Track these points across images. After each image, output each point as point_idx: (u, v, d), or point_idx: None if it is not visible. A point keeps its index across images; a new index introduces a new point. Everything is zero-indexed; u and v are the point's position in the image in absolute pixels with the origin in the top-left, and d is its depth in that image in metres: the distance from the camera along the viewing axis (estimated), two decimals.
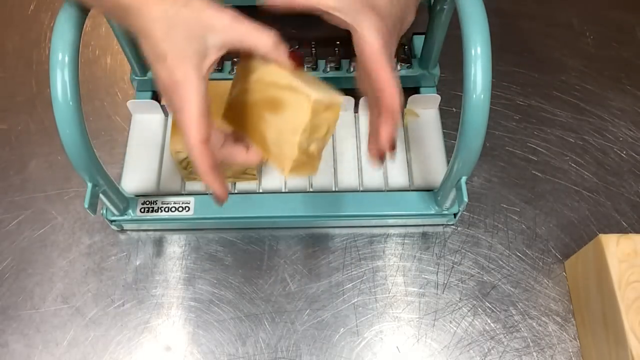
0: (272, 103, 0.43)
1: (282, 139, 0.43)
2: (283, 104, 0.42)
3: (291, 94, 0.42)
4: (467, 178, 0.53)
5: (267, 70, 0.43)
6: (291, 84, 0.42)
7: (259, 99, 0.44)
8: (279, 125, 0.43)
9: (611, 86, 0.74)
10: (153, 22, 0.39)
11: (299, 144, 0.42)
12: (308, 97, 0.40)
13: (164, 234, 0.62)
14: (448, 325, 0.58)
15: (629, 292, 0.50)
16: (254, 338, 0.57)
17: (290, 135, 0.42)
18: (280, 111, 0.43)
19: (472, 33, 0.44)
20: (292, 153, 0.43)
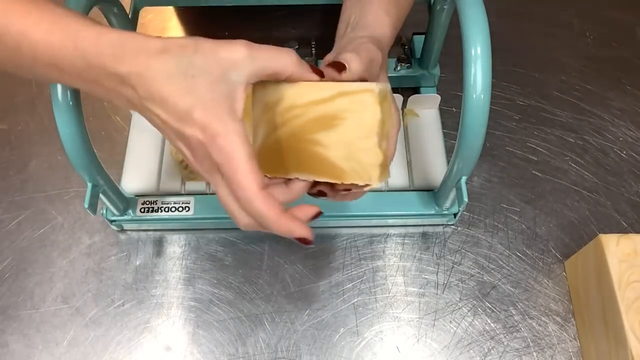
0: (323, 121, 0.39)
1: (354, 150, 0.39)
2: (339, 114, 0.39)
3: (346, 99, 0.38)
4: (467, 178, 0.53)
5: (293, 93, 0.39)
6: (339, 90, 0.39)
7: (301, 125, 0.40)
8: (344, 138, 0.39)
9: (611, 86, 0.74)
10: (166, 81, 0.35)
11: (378, 145, 0.39)
12: (372, 92, 0.38)
13: (164, 234, 0.62)
14: (448, 325, 0.58)
15: (629, 292, 0.50)
16: (254, 338, 0.57)
17: (364, 141, 0.39)
18: (338, 123, 0.39)
19: (472, 33, 0.44)
20: (376, 158, 0.39)
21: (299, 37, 0.73)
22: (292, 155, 0.41)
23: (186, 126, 0.35)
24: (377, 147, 0.39)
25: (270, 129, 0.41)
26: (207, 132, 0.35)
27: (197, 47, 0.35)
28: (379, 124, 0.38)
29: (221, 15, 0.78)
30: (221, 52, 0.36)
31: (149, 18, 0.79)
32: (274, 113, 0.40)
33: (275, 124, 0.40)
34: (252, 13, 0.79)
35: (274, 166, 0.42)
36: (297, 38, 0.72)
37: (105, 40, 0.35)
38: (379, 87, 0.38)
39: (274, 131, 0.41)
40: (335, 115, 0.39)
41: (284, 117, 0.40)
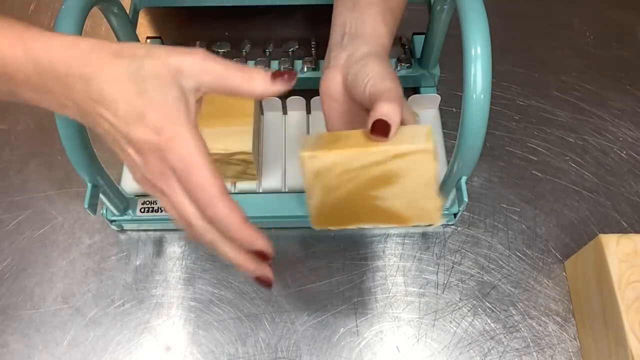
0: (380, 180, 0.42)
1: (417, 199, 0.42)
2: (396, 173, 0.41)
3: (401, 160, 0.40)
4: (467, 178, 0.53)
5: (345, 159, 0.41)
6: (393, 153, 0.40)
7: (359, 185, 0.42)
8: (403, 191, 0.42)
9: (611, 86, 0.74)
10: (117, 84, 0.34)
11: (436, 193, 0.42)
12: (428, 153, 0.40)
13: (164, 234, 0.62)
14: (448, 325, 0.58)
15: (629, 292, 0.50)
16: (254, 338, 0.57)
17: (426, 190, 0.42)
18: (396, 181, 0.41)
19: (472, 33, 0.44)
20: (436, 203, 0.43)
21: (299, 37, 0.73)
22: (353, 209, 0.44)
23: (138, 128, 0.35)
24: (436, 195, 0.42)
25: (326, 191, 0.43)
26: (163, 135, 0.34)
27: (150, 52, 0.35)
28: (435, 175, 0.41)
29: (221, 15, 0.78)
30: (172, 59, 0.35)
31: (149, 18, 0.79)
32: (327, 178, 0.42)
33: (330, 186, 0.43)
34: (252, 13, 0.79)
35: (335, 219, 0.45)
36: (297, 38, 0.72)
37: (56, 43, 0.35)
38: (432, 144, 0.40)
39: (330, 192, 0.43)
40: (392, 174, 0.41)
41: (340, 180, 0.42)
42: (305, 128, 0.66)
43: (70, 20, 0.45)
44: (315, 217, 0.45)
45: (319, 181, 0.43)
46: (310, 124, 0.66)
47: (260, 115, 0.66)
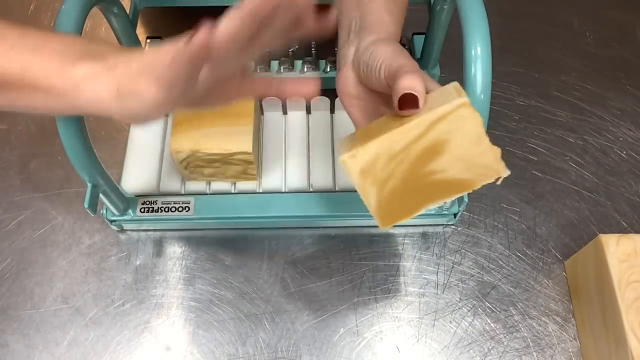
0: (428, 153, 0.39)
1: (472, 159, 0.39)
2: (441, 139, 0.39)
3: (441, 124, 0.38)
4: None
5: (385, 146, 0.39)
6: (430, 121, 0.38)
7: (409, 168, 0.40)
8: (456, 155, 0.39)
9: (611, 86, 0.74)
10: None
11: (489, 143, 0.39)
12: (465, 105, 0.37)
13: (164, 234, 0.62)
14: (448, 325, 0.58)
15: (629, 292, 0.50)
16: (254, 338, 0.57)
17: (477, 147, 0.39)
18: (444, 147, 0.39)
19: (472, 33, 0.44)
20: (495, 153, 0.39)
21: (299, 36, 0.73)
22: (414, 194, 0.41)
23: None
24: (490, 145, 0.39)
25: (380, 185, 0.41)
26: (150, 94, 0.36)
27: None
28: (481, 125, 0.38)
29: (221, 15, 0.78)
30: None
31: (149, 18, 0.79)
32: (375, 172, 0.40)
33: (382, 179, 0.40)
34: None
35: (400, 211, 0.42)
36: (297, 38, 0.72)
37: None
38: (464, 95, 0.38)
39: (384, 186, 0.41)
40: (438, 142, 0.39)
41: (389, 169, 0.40)
42: (305, 128, 0.66)
43: (70, 20, 0.45)
44: (380, 217, 0.42)
45: (368, 179, 0.40)
46: (310, 124, 0.66)
47: (260, 115, 0.66)
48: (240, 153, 0.56)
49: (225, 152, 0.56)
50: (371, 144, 0.39)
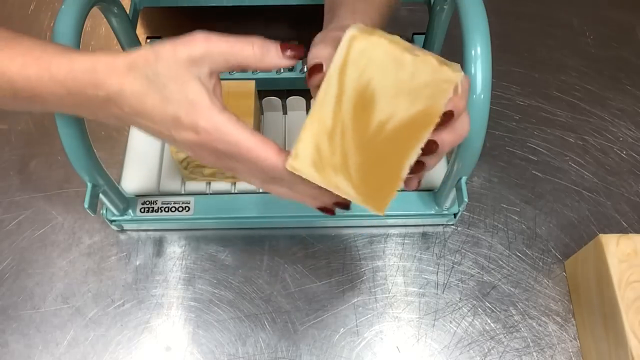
0: (362, 105, 0.35)
1: (408, 84, 0.34)
2: (363, 85, 0.35)
3: (349, 67, 0.34)
4: (467, 178, 0.53)
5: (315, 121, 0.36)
6: (334, 72, 0.35)
7: (355, 130, 0.36)
8: (391, 90, 0.35)
9: (611, 86, 0.74)
10: (143, 96, 0.36)
11: (413, 57, 0.34)
12: (353, 38, 0.34)
13: (164, 234, 0.62)
14: (448, 325, 0.58)
15: (629, 292, 0.50)
16: (254, 338, 0.57)
17: (404, 70, 0.34)
18: (372, 90, 0.35)
19: (472, 33, 0.44)
20: (429, 63, 0.34)
21: (299, 36, 0.73)
22: (383, 158, 0.36)
23: (179, 132, 0.37)
24: (416, 58, 0.34)
25: (343, 170, 0.37)
26: (201, 133, 0.36)
27: (158, 54, 0.36)
28: (391, 45, 0.34)
29: (221, 15, 0.78)
30: (179, 53, 0.36)
31: (149, 18, 0.79)
32: (327, 158, 0.37)
33: (340, 162, 0.37)
34: (252, 13, 0.79)
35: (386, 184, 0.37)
36: (297, 37, 0.72)
37: (78, 68, 0.36)
38: (356, 29, 0.34)
39: (347, 167, 0.37)
40: (360, 91, 0.35)
41: (338, 149, 0.36)
42: None
43: (70, 20, 0.45)
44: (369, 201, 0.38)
45: (327, 170, 0.37)
46: None
47: (260, 115, 0.66)
48: None
49: None
50: (303, 134, 0.36)
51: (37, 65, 0.37)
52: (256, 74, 0.69)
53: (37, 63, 0.37)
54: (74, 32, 0.45)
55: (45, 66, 0.37)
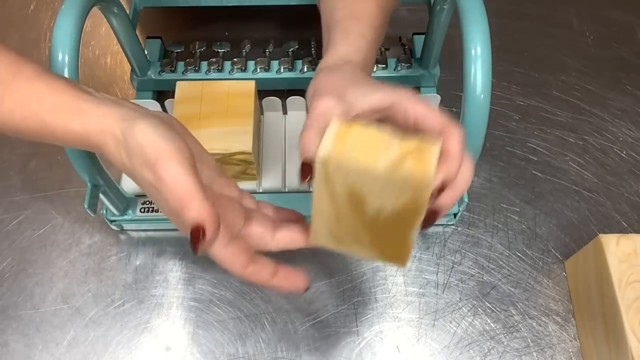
0: (355, 202, 0.37)
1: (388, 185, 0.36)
2: (349, 189, 0.36)
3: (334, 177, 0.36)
4: None
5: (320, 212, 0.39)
6: (319, 181, 0.37)
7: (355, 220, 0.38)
8: (374, 189, 0.36)
9: (611, 86, 0.74)
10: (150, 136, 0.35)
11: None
12: (324, 163, 0.36)
13: (164, 234, 0.62)
14: (448, 325, 0.58)
15: (629, 292, 0.50)
16: (254, 338, 0.57)
17: (378, 181, 0.35)
18: (355, 190, 0.36)
19: (472, 33, 0.44)
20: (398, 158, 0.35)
21: (299, 36, 0.73)
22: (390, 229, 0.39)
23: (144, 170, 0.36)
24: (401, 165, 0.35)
25: (360, 240, 0.40)
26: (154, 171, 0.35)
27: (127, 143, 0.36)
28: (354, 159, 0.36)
29: (221, 15, 0.78)
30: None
31: (149, 18, 0.79)
32: (341, 235, 0.40)
33: (354, 236, 0.40)
34: (252, 13, 0.79)
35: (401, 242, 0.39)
36: (297, 38, 0.72)
37: (72, 133, 0.37)
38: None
39: (361, 237, 0.40)
40: (348, 192, 0.37)
41: (349, 230, 0.39)
42: None
43: (70, 20, 0.45)
44: (392, 259, 0.41)
45: (345, 242, 0.41)
46: None
47: (260, 115, 0.66)
48: (240, 153, 0.56)
49: (225, 152, 0.56)
50: (314, 214, 0.39)
51: (37, 121, 0.37)
52: (256, 74, 0.69)
53: (37, 119, 0.37)
54: (74, 32, 0.45)
55: (44, 124, 0.37)
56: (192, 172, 0.34)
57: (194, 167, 0.35)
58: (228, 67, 0.69)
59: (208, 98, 0.59)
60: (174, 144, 0.35)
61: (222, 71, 0.69)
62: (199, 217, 0.34)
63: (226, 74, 0.69)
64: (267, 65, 0.69)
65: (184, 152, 0.35)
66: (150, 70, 0.69)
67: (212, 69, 0.69)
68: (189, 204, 0.34)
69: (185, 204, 0.34)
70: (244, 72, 0.69)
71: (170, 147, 0.34)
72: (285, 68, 0.69)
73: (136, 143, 0.35)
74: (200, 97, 0.59)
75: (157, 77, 0.69)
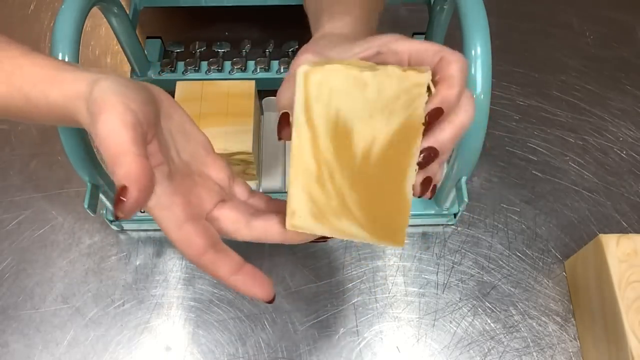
0: (339, 134, 0.33)
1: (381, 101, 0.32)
2: (332, 115, 0.32)
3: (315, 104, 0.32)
4: (467, 178, 0.53)
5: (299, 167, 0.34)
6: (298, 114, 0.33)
7: (341, 168, 0.34)
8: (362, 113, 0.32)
9: (611, 86, 0.74)
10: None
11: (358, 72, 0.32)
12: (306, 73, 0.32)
13: (164, 234, 0.62)
14: (448, 325, 0.58)
15: (629, 292, 0.50)
16: (254, 338, 0.57)
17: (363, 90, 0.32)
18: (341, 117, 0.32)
19: (472, 33, 0.44)
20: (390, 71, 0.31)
21: (299, 36, 0.73)
22: (383, 188, 0.34)
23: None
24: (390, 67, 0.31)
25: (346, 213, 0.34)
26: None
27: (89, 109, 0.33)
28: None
29: (221, 15, 0.78)
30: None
31: (149, 18, 0.79)
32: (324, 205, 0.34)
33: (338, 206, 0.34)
34: (252, 13, 0.79)
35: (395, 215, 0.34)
36: (297, 37, 0.72)
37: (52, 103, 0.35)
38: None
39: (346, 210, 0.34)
40: (333, 122, 0.33)
41: (331, 191, 0.34)
42: None
43: (70, 20, 0.45)
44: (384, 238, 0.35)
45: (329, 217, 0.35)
46: None
47: (260, 115, 0.66)
48: (240, 153, 0.56)
49: (225, 152, 0.56)
50: (291, 189, 0.34)
51: (21, 95, 0.35)
52: (256, 74, 0.69)
53: (20, 94, 0.35)
54: (74, 32, 0.45)
55: (27, 98, 0.35)
56: (133, 127, 0.31)
57: (140, 124, 0.31)
58: (228, 67, 0.69)
59: (208, 98, 0.59)
60: (123, 99, 0.31)
61: (222, 71, 0.69)
62: (126, 174, 0.30)
63: (226, 74, 0.69)
64: (267, 65, 0.69)
65: (131, 108, 0.31)
66: (150, 70, 0.69)
67: (212, 69, 0.69)
68: (118, 159, 0.30)
69: (115, 159, 0.30)
70: (244, 72, 0.69)
71: (116, 100, 0.31)
72: (285, 68, 0.69)
73: (92, 99, 0.32)
74: (200, 97, 0.59)
75: (157, 77, 0.69)
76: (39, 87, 0.35)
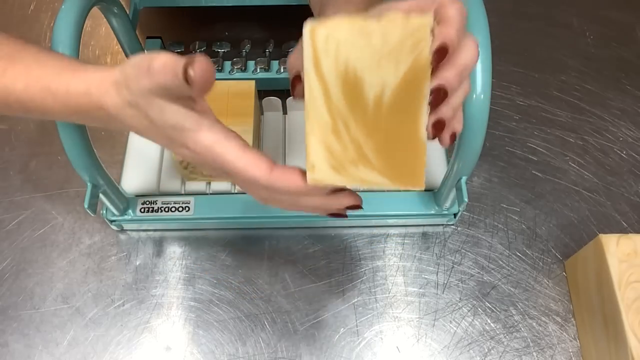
0: (350, 85, 0.34)
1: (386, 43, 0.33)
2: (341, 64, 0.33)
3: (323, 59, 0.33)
4: (467, 178, 0.53)
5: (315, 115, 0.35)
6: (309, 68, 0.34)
7: (353, 112, 0.34)
8: (373, 57, 0.33)
9: (611, 86, 0.74)
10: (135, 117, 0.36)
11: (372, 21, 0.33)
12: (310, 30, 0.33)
13: (164, 234, 0.62)
14: (448, 325, 0.58)
15: (629, 292, 0.50)
16: (254, 338, 0.57)
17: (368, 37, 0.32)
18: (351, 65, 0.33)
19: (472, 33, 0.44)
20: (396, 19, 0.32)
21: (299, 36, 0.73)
22: (398, 132, 0.34)
23: (175, 148, 0.37)
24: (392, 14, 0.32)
25: (363, 161, 0.35)
26: (192, 151, 0.36)
27: (126, 80, 0.34)
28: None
29: (221, 15, 0.78)
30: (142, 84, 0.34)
31: (149, 18, 0.79)
32: (342, 158, 0.35)
33: (355, 156, 0.35)
34: (252, 13, 0.79)
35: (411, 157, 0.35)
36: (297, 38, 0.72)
37: (73, 91, 0.37)
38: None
39: (363, 158, 0.35)
40: (343, 72, 0.33)
41: (348, 142, 0.35)
42: None
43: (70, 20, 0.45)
44: (403, 181, 0.36)
45: (348, 169, 0.35)
46: None
47: (260, 115, 0.66)
48: None
49: None
50: (309, 142, 0.35)
51: (39, 86, 0.37)
52: (256, 74, 0.69)
53: (39, 84, 0.37)
54: (74, 32, 0.45)
55: (46, 88, 0.37)
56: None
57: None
58: (228, 67, 0.69)
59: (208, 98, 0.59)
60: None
61: (222, 71, 0.69)
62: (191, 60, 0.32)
63: (226, 74, 0.69)
64: (267, 65, 0.69)
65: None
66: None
67: None
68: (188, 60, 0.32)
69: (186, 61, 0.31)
70: (244, 72, 0.69)
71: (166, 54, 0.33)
72: (285, 68, 0.69)
73: (130, 65, 0.33)
74: None
75: None
76: (60, 77, 0.37)
